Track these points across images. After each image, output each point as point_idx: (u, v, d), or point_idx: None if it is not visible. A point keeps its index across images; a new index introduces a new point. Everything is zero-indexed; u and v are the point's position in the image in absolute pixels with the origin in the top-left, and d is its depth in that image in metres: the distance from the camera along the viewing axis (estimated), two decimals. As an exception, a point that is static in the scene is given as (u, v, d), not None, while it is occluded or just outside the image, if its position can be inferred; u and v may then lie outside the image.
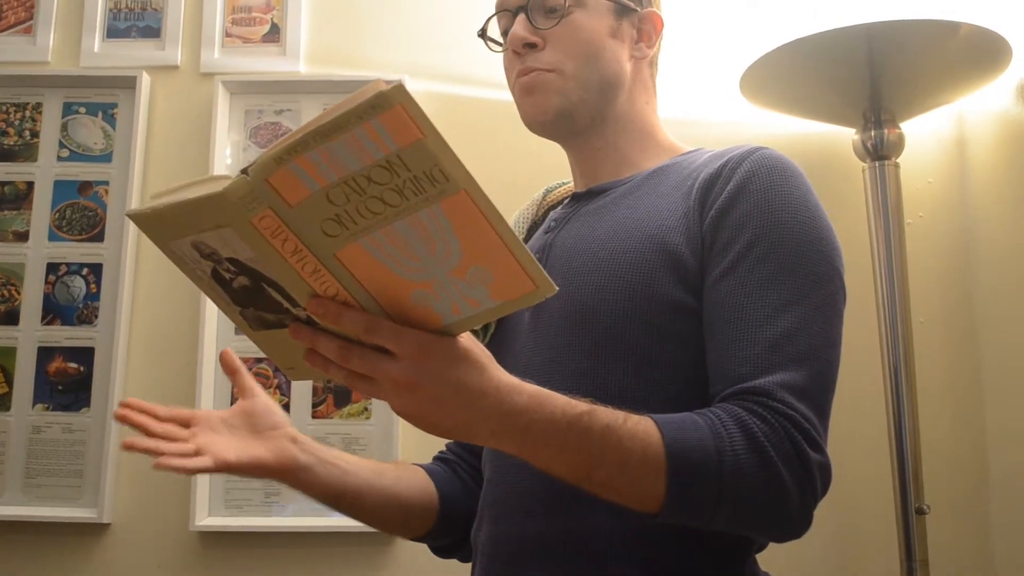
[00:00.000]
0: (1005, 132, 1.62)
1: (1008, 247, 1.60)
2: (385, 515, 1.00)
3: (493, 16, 1.06)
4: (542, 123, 1.02)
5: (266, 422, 0.91)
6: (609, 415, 0.77)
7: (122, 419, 0.81)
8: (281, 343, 0.74)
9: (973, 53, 1.50)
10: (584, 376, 0.90)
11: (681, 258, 0.89)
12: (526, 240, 1.10)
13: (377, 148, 0.59)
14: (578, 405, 0.76)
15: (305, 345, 0.71)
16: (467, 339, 0.71)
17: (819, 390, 0.83)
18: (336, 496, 0.95)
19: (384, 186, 0.61)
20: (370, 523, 1.02)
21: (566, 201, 1.08)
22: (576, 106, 1.00)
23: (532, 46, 1.00)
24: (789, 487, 0.79)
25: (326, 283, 0.67)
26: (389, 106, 0.57)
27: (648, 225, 0.93)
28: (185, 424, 0.85)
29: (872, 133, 1.57)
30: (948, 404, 1.65)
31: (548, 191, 1.16)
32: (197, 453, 0.80)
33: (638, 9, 1.04)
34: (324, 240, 0.64)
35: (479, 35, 1.08)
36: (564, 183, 1.15)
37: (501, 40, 1.06)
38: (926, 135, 1.72)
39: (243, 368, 0.92)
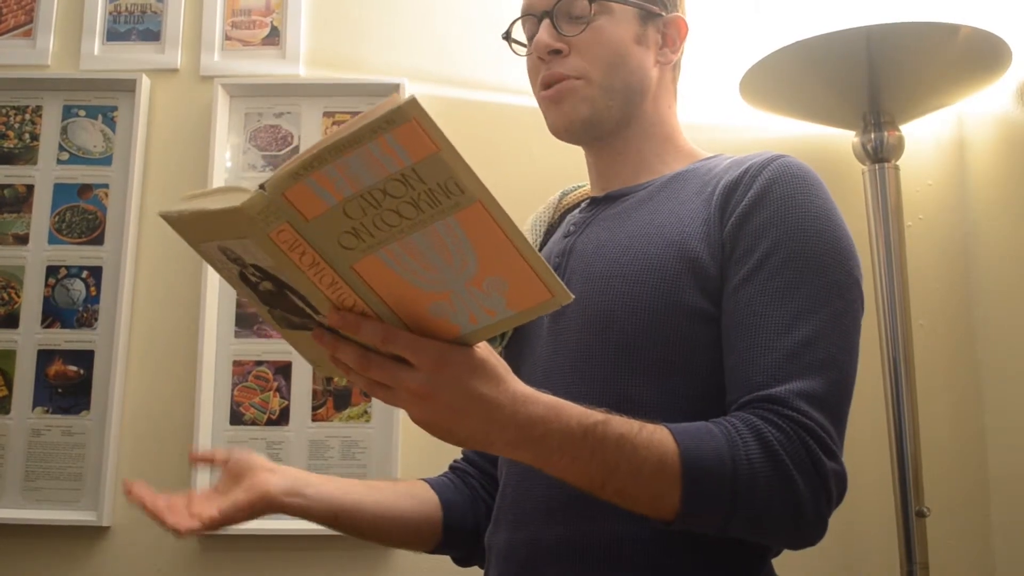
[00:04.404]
0: (1005, 134, 1.62)
1: (1008, 249, 1.60)
2: (384, 530, 1.02)
3: (517, 20, 1.06)
4: (568, 131, 1.02)
5: (244, 467, 0.95)
6: (624, 424, 0.77)
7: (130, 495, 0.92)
8: (308, 342, 0.76)
9: (973, 55, 1.50)
10: (604, 382, 0.90)
11: (702, 265, 0.89)
12: (543, 243, 1.10)
13: (392, 162, 0.59)
14: (593, 415, 0.77)
15: (327, 351, 0.72)
16: (484, 350, 0.72)
17: (836, 399, 0.84)
18: (332, 515, 0.97)
19: (400, 199, 0.61)
20: (373, 540, 1.03)
21: (584, 204, 1.08)
22: (602, 113, 1.00)
23: (557, 52, 1.00)
24: (804, 495, 0.79)
25: (344, 294, 0.68)
26: (403, 120, 0.57)
27: (669, 231, 0.92)
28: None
29: (872, 135, 1.57)
30: (948, 407, 1.65)
31: (564, 194, 1.15)
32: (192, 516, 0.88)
33: (663, 14, 1.04)
34: (342, 253, 0.65)
35: (503, 37, 1.08)
36: (580, 186, 1.14)
37: (525, 43, 1.06)
38: (926, 137, 1.72)
39: (214, 453, 1.01)
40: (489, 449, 0.77)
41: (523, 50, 1.07)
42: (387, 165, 0.59)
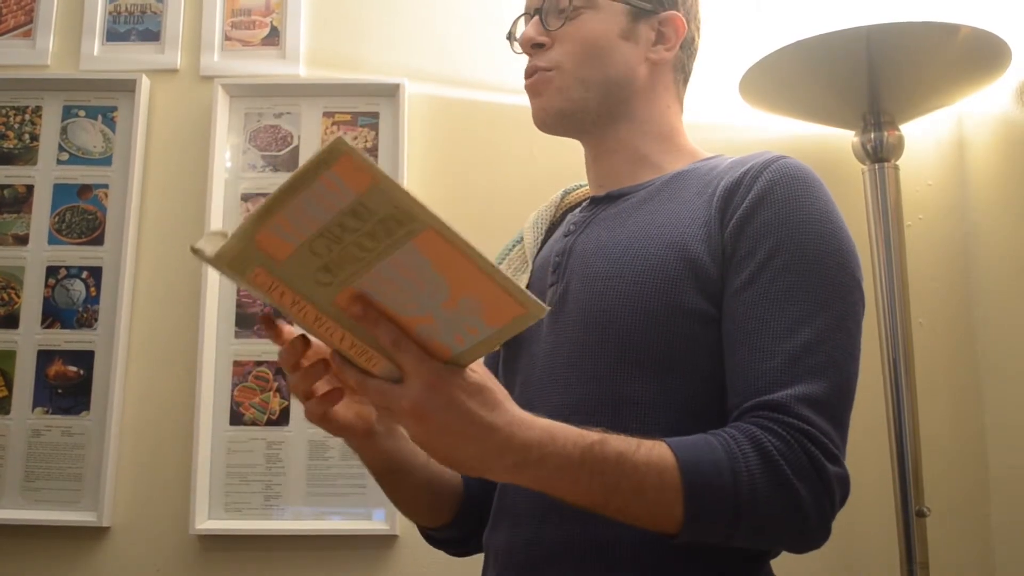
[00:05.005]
0: (1005, 134, 1.62)
1: (1008, 249, 1.60)
2: (420, 498, 1.00)
3: (519, 18, 1.08)
4: (544, 122, 1.03)
5: None
6: (622, 443, 0.77)
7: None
8: None
9: (972, 55, 1.50)
10: (602, 382, 0.90)
11: (702, 266, 0.89)
12: (544, 242, 1.10)
13: (339, 198, 0.62)
14: (589, 435, 0.77)
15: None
16: (481, 374, 0.73)
17: (838, 402, 0.84)
18: (390, 470, 0.95)
19: (358, 232, 0.64)
20: (401, 501, 1.01)
21: (584, 204, 1.08)
22: (577, 104, 1.01)
23: (540, 46, 1.02)
24: (806, 502, 0.79)
25: (329, 328, 0.70)
26: (336, 156, 0.60)
27: (669, 232, 0.92)
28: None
29: (872, 135, 1.57)
30: (948, 406, 1.65)
31: (566, 192, 1.15)
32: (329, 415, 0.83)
33: (657, 11, 1.03)
34: (320, 290, 0.67)
35: (507, 37, 1.10)
36: (582, 185, 1.14)
37: None
38: (926, 137, 1.72)
39: (284, 333, 0.86)
40: (488, 475, 0.77)
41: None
42: (335, 201, 0.62)
